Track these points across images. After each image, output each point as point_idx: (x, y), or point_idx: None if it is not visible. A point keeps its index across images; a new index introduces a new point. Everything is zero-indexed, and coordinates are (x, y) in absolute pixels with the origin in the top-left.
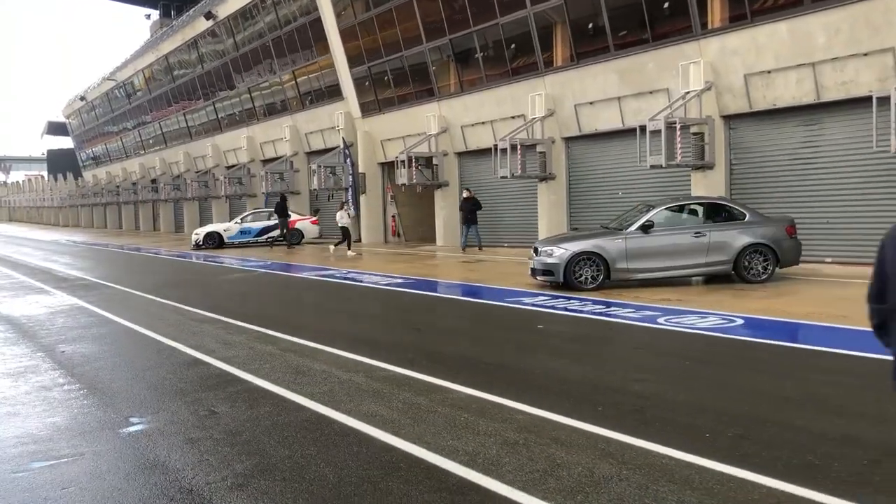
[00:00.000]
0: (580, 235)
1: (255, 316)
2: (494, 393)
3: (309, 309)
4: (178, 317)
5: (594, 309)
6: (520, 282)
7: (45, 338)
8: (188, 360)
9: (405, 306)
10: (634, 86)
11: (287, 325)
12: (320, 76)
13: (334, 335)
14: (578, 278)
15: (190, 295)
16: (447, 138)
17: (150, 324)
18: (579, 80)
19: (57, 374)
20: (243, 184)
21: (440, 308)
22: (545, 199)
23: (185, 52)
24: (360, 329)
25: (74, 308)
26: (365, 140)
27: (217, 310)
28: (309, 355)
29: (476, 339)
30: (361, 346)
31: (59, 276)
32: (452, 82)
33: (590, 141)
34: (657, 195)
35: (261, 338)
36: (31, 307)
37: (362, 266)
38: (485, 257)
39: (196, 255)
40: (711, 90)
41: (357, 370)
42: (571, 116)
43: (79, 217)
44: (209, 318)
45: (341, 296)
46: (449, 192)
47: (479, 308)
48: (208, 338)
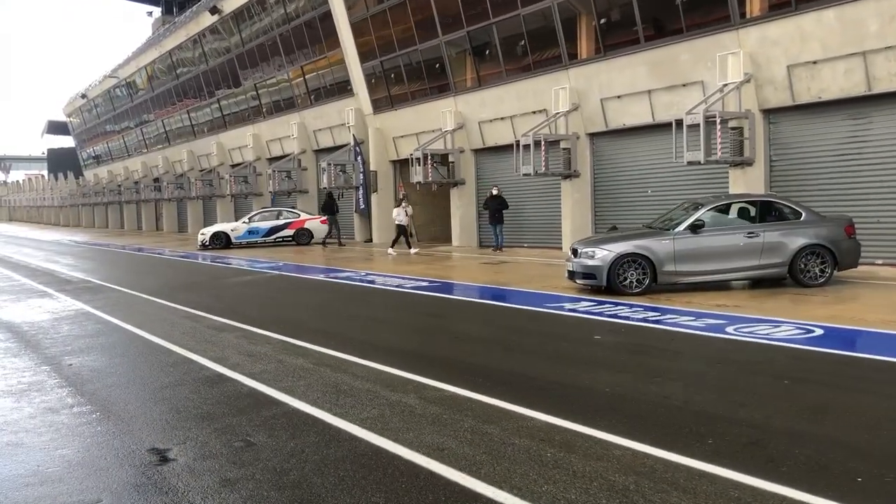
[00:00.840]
0: (623, 236)
1: (276, 322)
2: (576, 420)
3: (334, 315)
4: (192, 324)
5: (648, 316)
6: (554, 285)
7: (49, 348)
8: (211, 375)
9: (438, 312)
10: (666, 78)
11: (314, 334)
12: (330, 72)
13: (369, 346)
14: (622, 282)
15: (202, 299)
16: (463, 135)
17: (164, 332)
18: (606, 72)
19: (65, 393)
20: (249, 182)
21: (477, 314)
22: (569, 198)
23: (189, 48)
24: (395, 338)
25: (80, 313)
26: (376, 137)
27: (234, 315)
28: (347, 370)
29: (529, 351)
30: (402, 359)
31: (62, 279)
32: (469, 77)
33: (616, 137)
34: (690, 194)
35: (288, 349)
36: (33, 312)
37: (380, 267)
38: (507, 258)
39: (202, 255)
40: (750, 82)
41: (405, 389)
42: (597, 111)
43: (80, 217)
44: (226, 325)
45: (365, 300)
46: (465, 190)
47: (520, 315)
48: (229, 349)
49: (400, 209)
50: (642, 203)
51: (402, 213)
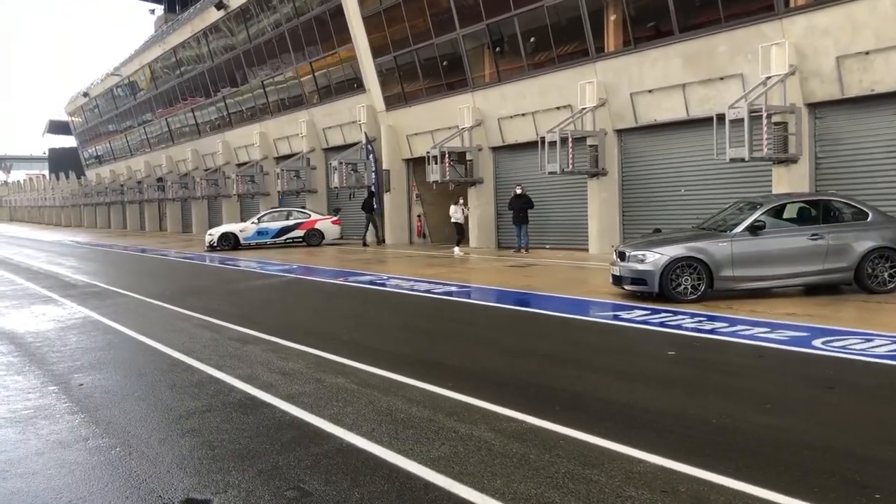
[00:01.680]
0: (674, 238)
1: (304, 333)
2: (695, 463)
3: (366, 324)
4: (211, 334)
5: (716, 327)
6: (595, 290)
7: (56, 363)
8: (242, 399)
9: (478, 321)
10: (702, 71)
11: (350, 347)
12: (340, 68)
13: (414, 362)
14: (676, 288)
15: (218, 305)
16: (481, 132)
17: (182, 344)
18: (637, 66)
19: (77, 421)
20: (256, 182)
21: (524, 325)
22: (596, 198)
23: (195, 44)
24: (441, 353)
25: (87, 322)
26: (389, 135)
27: (255, 325)
28: (397, 392)
29: (600, 369)
30: (457, 379)
31: (66, 282)
32: (488, 71)
33: (647, 133)
34: (728, 193)
35: (324, 365)
36: (37, 321)
37: (400, 270)
38: (531, 260)
39: (210, 257)
40: (795, 75)
41: (472, 419)
42: (626, 106)
43: (81, 217)
44: (250, 336)
45: (396, 307)
46: (483, 189)
47: (573, 325)
48: (258, 365)
49: (457, 207)
50: (675, 203)
51: (459, 211)
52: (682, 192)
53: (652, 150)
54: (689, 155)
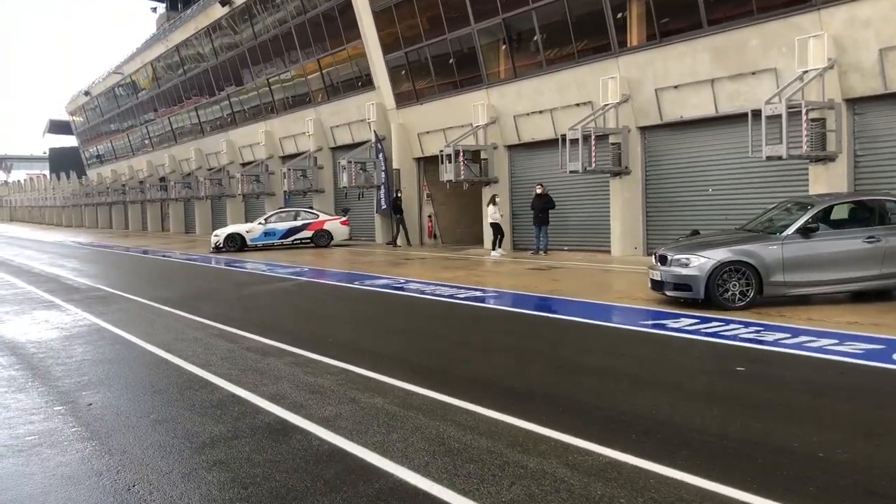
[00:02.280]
0: (719, 241)
1: (328, 343)
2: None
3: (394, 333)
4: (228, 345)
5: (779, 338)
6: (631, 296)
7: (62, 379)
8: (272, 422)
9: (515, 331)
10: (732, 66)
11: (382, 361)
12: (349, 65)
13: (455, 379)
14: (723, 294)
15: (231, 311)
16: (496, 130)
17: (197, 356)
18: (662, 60)
19: (87, 450)
20: (261, 182)
21: (565, 335)
22: (619, 198)
23: (198, 42)
24: (483, 368)
25: (93, 330)
26: (399, 133)
27: (274, 334)
28: (445, 416)
29: (670, 390)
30: (512, 401)
31: (68, 285)
32: (504, 67)
33: (672, 130)
34: (760, 193)
35: (356, 381)
36: (39, 329)
37: (416, 273)
38: (552, 262)
39: (217, 258)
40: (833, 69)
41: (541, 450)
42: (650, 102)
43: (83, 217)
44: (270, 346)
45: (420, 314)
46: (498, 189)
47: (616, 336)
48: (283, 381)
49: (495, 207)
50: (701, 203)
51: (497, 212)
52: (710, 192)
53: (677, 149)
54: (718, 153)
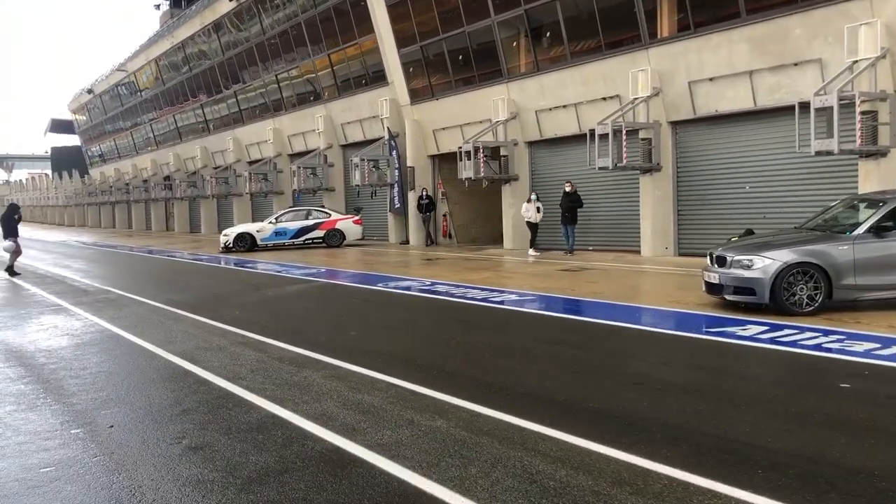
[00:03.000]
0: (783, 241)
1: (366, 353)
2: None
3: (434, 342)
4: (256, 354)
5: (869, 349)
6: (682, 300)
7: (76, 394)
8: (324, 451)
9: (570, 340)
10: (772, 57)
11: (431, 374)
12: (361, 60)
13: (521, 397)
14: (790, 298)
15: (252, 316)
16: (516, 125)
17: (225, 368)
18: (696, 51)
19: (114, 486)
20: (269, 180)
21: (630, 345)
22: (649, 195)
23: (204, 38)
24: (550, 384)
25: (106, 337)
26: (414, 130)
27: (304, 342)
28: (526, 444)
29: (771, 411)
30: (594, 426)
31: (75, 287)
32: (525, 61)
33: (706, 125)
34: (803, 191)
35: (410, 399)
36: (48, 335)
37: (442, 275)
38: (581, 263)
39: (226, 259)
40: (886, 59)
41: (655, 491)
42: (683, 96)
43: (85, 216)
44: (303, 357)
45: (458, 320)
46: (518, 187)
47: (689, 346)
48: (327, 398)
49: (530, 205)
50: (737, 201)
51: (533, 210)
52: (747, 190)
53: (711, 144)
54: (755, 149)
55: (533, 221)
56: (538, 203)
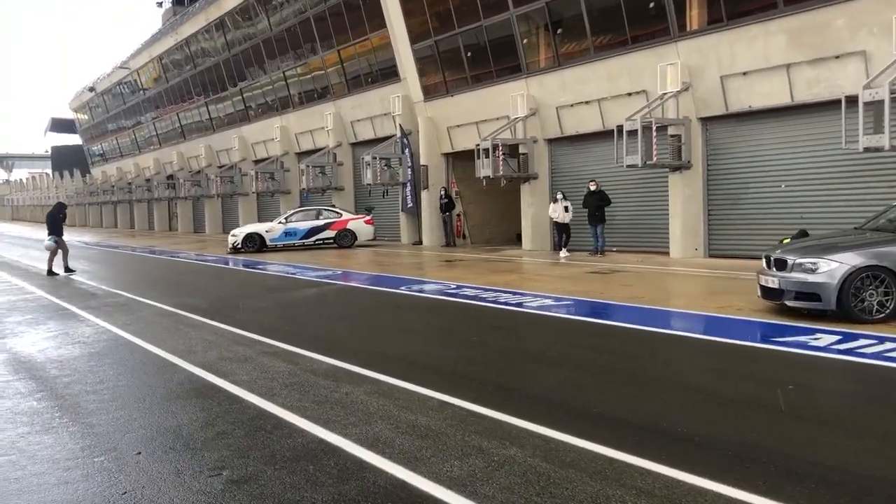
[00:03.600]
0: (848, 242)
1: (408, 365)
2: None
3: (476, 352)
4: (287, 366)
5: None
6: (733, 305)
7: (95, 413)
8: (390, 486)
9: (621, 350)
10: (811, 49)
11: (486, 391)
12: (372, 56)
13: (603, 421)
14: (858, 305)
15: (274, 322)
16: (535, 122)
17: (254, 381)
18: (728, 44)
19: None
20: (276, 179)
21: (692, 356)
22: (679, 194)
23: (210, 34)
24: (623, 403)
25: (120, 345)
26: (427, 127)
27: (336, 351)
28: (623, 481)
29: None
30: (699, 458)
31: (82, 290)
32: (545, 56)
33: (738, 121)
34: (844, 190)
35: (472, 422)
36: (58, 343)
37: (467, 278)
38: (610, 265)
39: (235, 260)
40: None
41: None
42: (714, 91)
43: (87, 216)
44: (339, 369)
45: (497, 327)
46: (537, 186)
47: (764, 359)
48: (378, 420)
49: (557, 204)
50: (772, 200)
51: (561, 210)
52: (783, 189)
53: (744, 141)
54: (792, 146)
55: (560, 222)
56: (566, 202)
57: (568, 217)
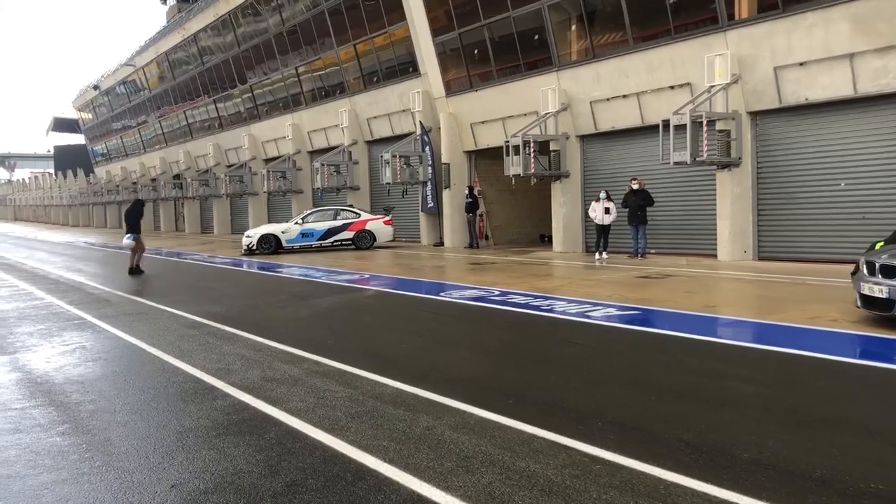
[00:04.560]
0: None
1: (486, 391)
2: None
3: (565, 375)
4: (346, 391)
5: None
6: (817, 314)
7: (132, 455)
8: None
9: (728, 372)
10: (879, 38)
11: (601, 429)
12: (390, 50)
13: (775, 471)
14: None
15: (313, 334)
16: (567, 118)
17: (312, 410)
18: (784, 33)
19: None
20: (288, 178)
21: (816, 380)
22: (727, 193)
23: (218, 30)
24: (759, 440)
25: (146, 361)
26: (449, 124)
27: (395, 371)
28: None
29: None
30: None
31: (95, 296)
32: (578, 48)
33: (792, 115)
34: None
35: (605, 475)
36: (77, 359)
37: (506, 282)
38: (659, 269)
39: (250, 262)
40: None
41: None
42: (766, 83)
43: (91, 216)
44: (407, 395)
45: (568, 341)
46: (569, 185)
47: None
48: (479, 466)
49: (598, 204)
50: (830, 199)
51: (601, 210)
52: (842, 187)
53: (798, 136)
54: (854, 141)
55: (602, 223)
56: (609, 203)
57: (609, 218)
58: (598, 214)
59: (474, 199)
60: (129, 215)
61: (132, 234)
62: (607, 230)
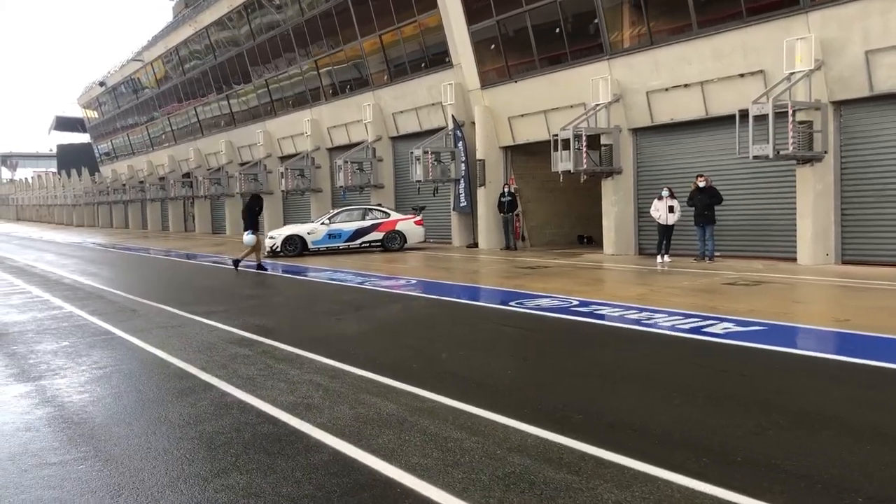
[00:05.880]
0: None
1: (620, 429)
2: None
3: (712, 410)
4: (471, 438)
5: None
6: None
7: None
8: None
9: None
10: None
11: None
12: (419, 40)
13: None
14: None
15: (386, 354)
16: (619, 109)
17: (440, 470)
18: (879, 13)
19: None
20: (306, 176)
21: None
22: (809, 190)
23: (232, 22)
24: None
25: (198, 387)
26: (484, 118)
27: (521, 409)
28: None
29: None
30: None
31: (118, 304)
32: (632, 33)
33: (884, 104)
34: None
35: None
36: (114, 389)
37: (572, 289)
38: (737, 274)
39: (274, 265)
40: None
41: None
42: (855, 70)
43: (95, 216)
44: (556, 446)
45: (705, 366)
46: (621, 182)
47: None
48: None
49: (661, 202)
50: None
51: (664, 209)
52: None
53: (888, 128)
54: None
55: (665, 223)
56: (672, 201)
57: (673, 218)
58: (662, 213)
59: (513, 197)
60: (249, 213)
61: (251, 230)
62: (671, 231)
